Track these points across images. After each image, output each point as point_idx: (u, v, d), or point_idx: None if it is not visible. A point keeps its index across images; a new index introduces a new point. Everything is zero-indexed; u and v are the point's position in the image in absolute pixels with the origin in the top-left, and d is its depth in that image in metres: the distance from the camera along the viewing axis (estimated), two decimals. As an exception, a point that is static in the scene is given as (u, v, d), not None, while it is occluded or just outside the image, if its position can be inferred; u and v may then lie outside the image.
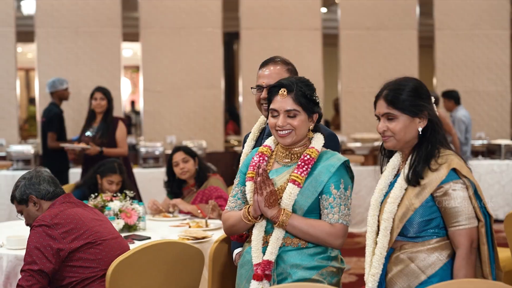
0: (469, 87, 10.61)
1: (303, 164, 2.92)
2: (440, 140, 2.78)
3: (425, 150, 2.74)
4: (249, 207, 2.94)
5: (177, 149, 5.53)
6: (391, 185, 2.84)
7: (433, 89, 10.58)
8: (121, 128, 6.80)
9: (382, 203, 2.83)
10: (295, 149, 3.00)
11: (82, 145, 6.65)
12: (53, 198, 3.63)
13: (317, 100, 2.99)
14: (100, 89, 6.92)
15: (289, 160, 3.01)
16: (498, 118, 10.65)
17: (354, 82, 10.38)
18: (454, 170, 2.68)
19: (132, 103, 11.96)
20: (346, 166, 2.95)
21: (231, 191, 3.13)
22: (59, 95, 7.91)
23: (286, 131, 2.94)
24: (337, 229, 2.87)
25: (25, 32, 9.68)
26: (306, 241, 2.90)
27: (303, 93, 2.94)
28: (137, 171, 8.10)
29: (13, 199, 3.71)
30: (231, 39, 10.59)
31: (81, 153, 6.75)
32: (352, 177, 2.99)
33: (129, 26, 9.93)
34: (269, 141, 3.12)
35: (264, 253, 2.91)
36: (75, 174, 7.80)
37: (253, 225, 2.96)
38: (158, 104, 9.82)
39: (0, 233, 4.43)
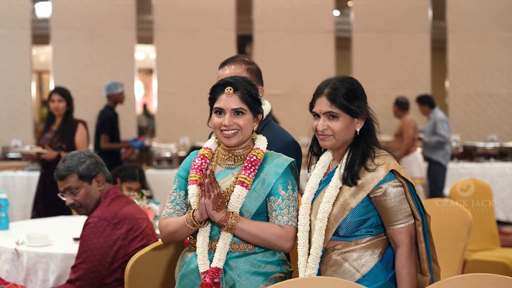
0: (481, 90, 10.62)
1: (250, 165, 2.80)
2: (374, 141, 2.78)
3: (361, 150, 2.73)
4: (193, 211, 2.78)
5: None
6: (321, 183, 2.83)
7: (445, 92, 10.61)
8: (80, 131, 6.27)
9: (313, 202, 2.80)
10: (238, 151, 2.88)
11: (38, 149, 6.19)
12: (110, 183, 3.68)
13: (261, 101, 2.90)
14: (57, 90, 6.33)
15: (233, 163, 2.88)
16: (510, 121, 10.65)
17: (367, 84, 10.22)
18: (392, 171, 2.68)
19: (144, 106, 12.04)
20: (291, 167, 2.87)
21: (168, 196, 2.96)
22: (114, 98, 8.04)
23: (232, 131, 2.81)
24: (287, 231, 2.78)
25: (40, 35, 9.79)
26: (254, 246, 2.78)
27: (249, 92, 2.83)
28: (150, 172, 8.17)
29: (69, 173, 3.55)
30: (243, 42, 10.65)
31: (38, 158, 6.24)
32: (297, 178, 2.92)
33: (143, 29, 10.02)
34: (209, 143, 2.99)
35: (210, 260, 2.77)
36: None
37: (195, 232, 2.82)
38: (172, 106, 9.89)
39: (20, 231, 4.50)
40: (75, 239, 4.16)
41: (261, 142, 2.90)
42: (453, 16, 10.59)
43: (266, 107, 3.29)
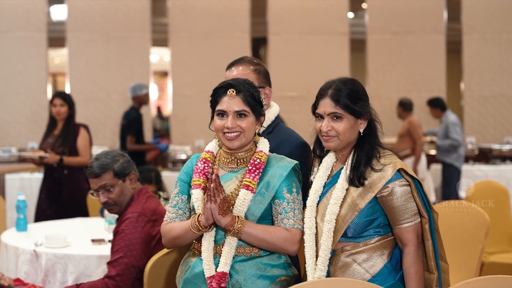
0: (496, 92, 10.57)
1: (254, 168, 2.78)
2: (377, 141, 2.79)
3: (366, 151, 2.74)
4: (198, 216, 2.75)
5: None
6: (326, 186, 2.84)
7: (460, 94, 10.57)
8: (82, 136, 6.20)
9: (319, 204, 2.81)
10: (240, 153, 2.85)
11: (40, 153, 6.10)
12: (139, 182, 3.71)
13: (263, 103, 2.87)
14: (59, 95, 6.26)
15: (235, 166, 2.86)
16: (527, 123, 10.61)
17: (381, 86, 10.38)
18: (399, 170, 2.69)
19: (158, 108, 12.09)
20: (295, 169, 2.86)
21: (170, 201, 2.94)
22: (139, 99, 8.17)
23: (235, 133, 2.78)
24: (293, 234, 2.76)
25: (56, 37, 9.84)
26: (259, 249, 2.77)
27: (251, 94, 2.80)
28: (166, 174, 8.19)
29: (105, 170, 3.58)
30: (258, 44, 10.67)
31: (41, 162, 6.14)
32: (301, 180, 2.90)
33: (159, 31, 10.06)
34: (211, 147, 2.96)
35: (216, 264, 2.76)
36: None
37: (199, 236, 2.80)
38: (187, 108, 9.92)
39: (38, 232, 4.54)
40: (93, 241, 4.18)
41: (264, 144, 2.89)
42: (468, 18, 10.56)
43: (275, 109, 3.31)
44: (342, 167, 2.80)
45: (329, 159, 2.88)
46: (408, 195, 2.69)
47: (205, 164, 2.87)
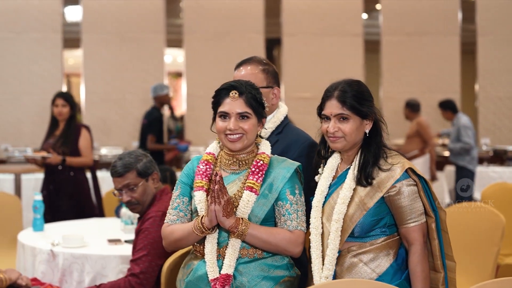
0: (511, 93, 10.53)
1: (257, 170, 2.77)
2: (383, 142, 2.82)
3: (373, 151, 2.76)
4: (202, 218, 2.73)
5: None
6: (331, 186, 2.85)
7: (475, 95, 10.54)
8: (84, 136, 6.12)
9: (324, 205, 2.83)
10: (242, 155, 2.84)
11: (43, 153, 6.04)
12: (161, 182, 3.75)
13: (265, 105, 2.85)
14: (61, 95, 6.19)
15: (237, 167, 2.84)
16: (541, 124, 10.56)
17: (395, 88, 10.37)
18: (407, 170, 2.72)
19: (171, 109, 12.14)
20: (297, 171, 2.85)
21: (171, 203, 2.91)
22: (160, 100, 8.27)
23: (237, 135, 2.77)
24: (297, 236, 2.75)
25: (71, 38, 9.90)
26: (262, 251, 2.76)
27: (254, 96, 2.79)
28: (179, 174, 8.22)
29: (128, 170, 3.61)
30: (271, 45, 10.68)
31: (43, 162, 6.08)
32: (302, 182, 2.88)
33: (173, 32, 10.10)
34: (212, 148, 2.95)
35: (219, 267, 2.74)
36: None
37: (202, 239, 2.78)
38: (201, 108, 9.94)
39: (55, 232, 4.57)
40: (110, 241, 4.20)
41: (265, 146, 2.88)
42: (482, 19, 10.52)
43: (283, 109, 3.30)
44: (348, 168, 2.82)
45: (334, 160, 2.90)
46: (415, 195, 2.71)
47: (207, 166, 2.86)
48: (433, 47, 10.42)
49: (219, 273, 2.71)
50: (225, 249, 2.74)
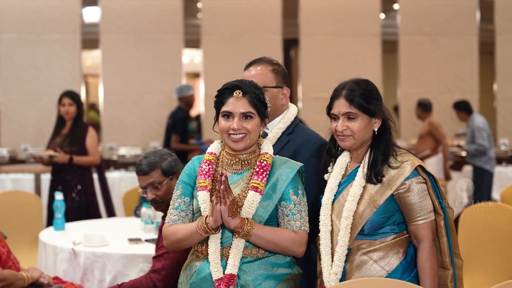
0: (530, 93, 10.49)
1: (262, 170, 2.76)
2: (392, 140, 2.85)
3: (382, 149, 2.80)
4: (206, 217, 2.70)
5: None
6: (341, 184, 2.88)
7: (494, 95, 10.49)
8: (91, 135, 6.12)
9: (334, 202, 2.86)
10: (244, 155, 2.83)
11: (50, 152, 6.01)
12: None
13: (268, 105, 2.84)
14: (68, 94, 6.20)
15: (240, 167, 2.83)
16: (561, 124, 10.49)
17: (414, 88, 10.34)
18: (416, 168, 2.75)
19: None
20: (299, 172, 2.84)
21: (172, 203, 2.88)
22: (185, 100, 8.37)
23: (241, 135, 2.76)
24: (301, 236, 2.75)
25: (89, 39, 9.97)
26: (265, 251, 2.76)
27: (257, 96, 2.79)
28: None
29: (153, 168, 3.64)
30: (288, 45, 10.69)
31: (50, 161, 6.06)
32: (304, 182, 2.88)
33: (191, 33, 10.14)
34: (213, 148, 2.94)
35: (223, 267, 2.72)
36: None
37: (204, 239, 2.76)
38: (219, 109, 9.96)
39: (75, 232, 4.61)
40: (130, 240, 4.24)
41: (268, 146, 2.88)
42: (501, 19, 10.47)
43: (293, 109, 3.30)
44: (358, 166, 2.86)
45: (343, 159, 2.93)
46: (425, 193, 2.75)
47: (210, 166, 2.84)
48: (451, 47, 10.38)
49: (223, 273, 2.71)
50: (228, 249, 2.74)
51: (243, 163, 2.83)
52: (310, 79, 10.13)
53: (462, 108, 8.68)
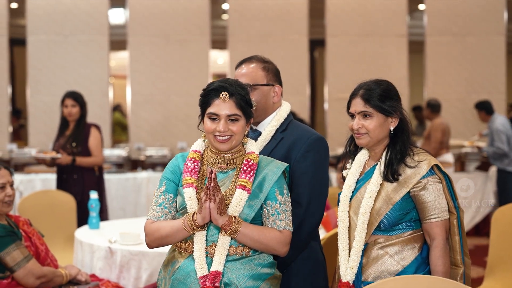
0: (557, 93, 10.42)
1: (249, 169, 2.78)
2: (409, 140, 2.92)
3: (399, 149, 2.88)
4: (193, 215, 2.71)
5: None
6: (359, 181, 2.97)
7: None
8: (94, 136, 6.11)
9: (352, 199, 2.95)
10: (228, 154, 2.84)
11: (52, 154, 6.00)
12: None
13: (253, 104, 2.85)
14: (70, 95, 6.16)
15: (226, 166, 2.84)
16: None
17: (440, 88, 10.31)
18: (433, 167, 2.83)
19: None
20: (283, 172, 2.86)
21: (155, 199, 2.86)
22: None
23: (226, 137, 2.77)
24: (286, 236, 2.77)
25: (117, 41, 10.06)
26: (250, 249, 2.77)
27: (243, 97, 2.79)
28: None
29: None
30: (313, 46, 10.70)
31: (53, 163, 6.07)
32: (287, 183, 2.89)
33: (217, 34, 10.19)
34: (198, 146, 2.93)
35: (208, 264, 2.72)
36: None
37: (191, 235, 2.76)
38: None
39: (110, 230, 4.67)
40: (165, 238, 4.28)
41: (253, 145, 2.90)
42: (528, 19, 10.42)
43: (286, 106, 3.28)
44: (376, 164, 2.95)
45: (361, 157, 3.03)
46: (440, 192, 2.83)
47: (195, 164, 2.84)
48: (478, 47, 10.34)
49: (208, 271, 2.71)
50: (213, 247, 2.74)
51: (228, 162, 2.84)
52: (336, 80, 10.14)
53: (482, 108, 8.62)
